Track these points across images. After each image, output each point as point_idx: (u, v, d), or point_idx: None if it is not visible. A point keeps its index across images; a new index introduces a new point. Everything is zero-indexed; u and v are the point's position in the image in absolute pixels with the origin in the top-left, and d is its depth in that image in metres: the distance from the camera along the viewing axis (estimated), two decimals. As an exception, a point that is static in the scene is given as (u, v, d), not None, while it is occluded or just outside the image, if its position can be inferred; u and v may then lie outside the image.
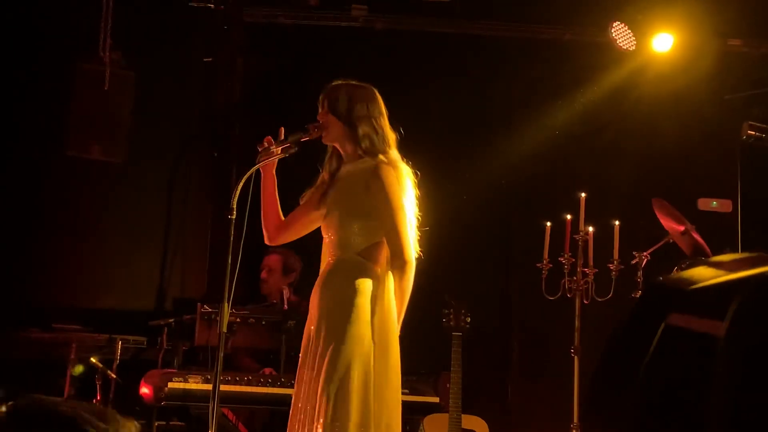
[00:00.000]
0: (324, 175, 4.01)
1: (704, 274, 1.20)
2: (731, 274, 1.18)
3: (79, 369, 5.54)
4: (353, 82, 3.94)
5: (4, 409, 1.42)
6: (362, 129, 3.82)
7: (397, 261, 3.72)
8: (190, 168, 7.03)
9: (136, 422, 1.48)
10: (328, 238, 3.88)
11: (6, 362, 5.85)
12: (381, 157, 3.81)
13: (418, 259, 3.82)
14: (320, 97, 3.94)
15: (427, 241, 3.97)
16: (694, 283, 1.17)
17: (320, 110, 3.92)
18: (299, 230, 4.05)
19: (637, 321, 1.25)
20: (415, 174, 3.91)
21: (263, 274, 5.98)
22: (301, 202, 4.04)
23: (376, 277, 3.75)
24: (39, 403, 1.44)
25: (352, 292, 3.72)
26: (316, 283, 3.88)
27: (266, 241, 4.03)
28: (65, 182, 6.66)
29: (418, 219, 3.86)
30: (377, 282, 3.74)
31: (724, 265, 1.22)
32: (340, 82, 3.93)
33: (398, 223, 3.72)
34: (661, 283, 1.28)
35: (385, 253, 3.78)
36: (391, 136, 3.89)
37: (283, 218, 4.00)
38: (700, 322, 1.10)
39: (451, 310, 5.42)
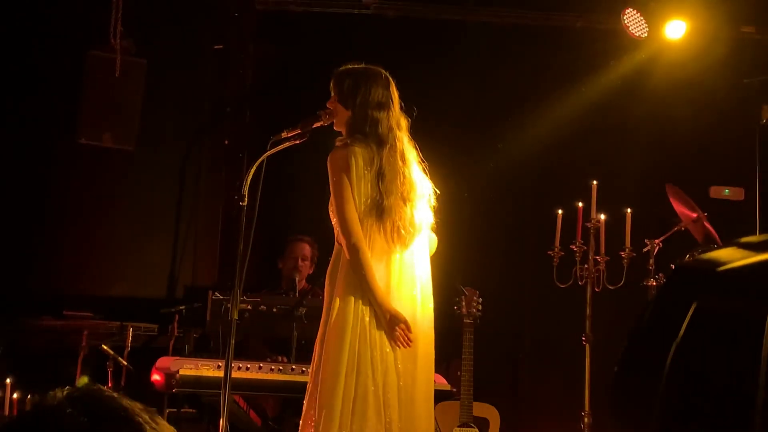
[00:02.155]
0: None
1: (732, 255, 1.16)
2: (764, 254, 1.14)
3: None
4: (361, 66, 3.90)
5: (61, 394, 1.41)
6: (359, 113, 3.79)
7: (342, 247, 3.69)
8: (202, 155, 7.01)
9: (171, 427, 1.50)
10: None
11: (18, 349, 5.85)
12: (338, 140, 3.80)
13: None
14: (330, 83, 3.91)
15: (438, 228, 3.94)
16: (722, 264, 1.14)
17: (331, 96, 3.89)
18: None
19: (665, 303, 1.22)
20: (422, 161, 3.88)
21: (299, 263, 5.90)
22: None
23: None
24: (98, 392, 1.44)
25: (336, 290, 3.71)
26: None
27: None
28: (77, 170, 6.65)
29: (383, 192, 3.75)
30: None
31: (752, 246, 1.18)
32: (348, 66, 3.90)
33: (336, 208, 3.69)
34: (689, 265, 1.24)
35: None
36: (399, 122, 3.84)
37: None
38: (738, 302, 1.07)
39: (463, 298, 5.40)
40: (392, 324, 3.61)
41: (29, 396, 4.88)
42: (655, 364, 1.09)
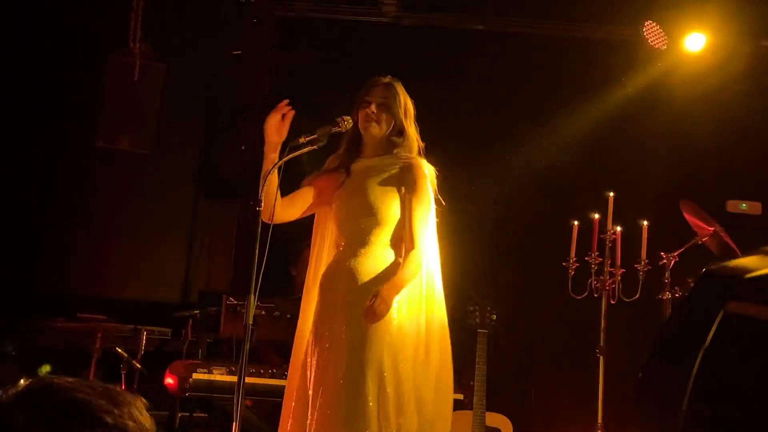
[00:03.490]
0: (334, 165, 3.99)
1: (760, 263, 1.16)
2: None
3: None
4: (393, 79, 3.96)
5: (14, 390, 1.36)
6: (410, 129, 3.87)
7: (414, 249, 3.73)
8: (218, 160, 7.02)
9: (142, 398, 1.43)
10: (350, 226, 3.85)
11: (31, 351, 5.87)
12: (416, 156, 3.86)
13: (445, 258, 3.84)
14: (370, 90, 3.90)
15: (454, 238, 3.94)
16: (750, 271, 1.13)
17: (371, 104, 3.88)
18: (295, 213, 4.00)
19: (692, 309, 1.21)
20: (439, 172, 3.90)
21: None
22: (304, 186, 4.01)
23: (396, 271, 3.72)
24: (53, 387, 1.36)
25: (376, 284, 3.71)
26: (338, 269, 3.84)
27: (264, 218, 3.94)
28: (93, 172, 6.67)
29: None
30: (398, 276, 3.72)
31: (779, 254, 1.17)
32: (390, 80, 3.93)
33: (421, 213, 3.76)
34: (717, 272, 1.23)
35: (401, 245, 3.77)
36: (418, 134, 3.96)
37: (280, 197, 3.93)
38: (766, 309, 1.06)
39: (477, 307, 5.40)
40: (382, 305, 3.58)
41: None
42: (682, 371, 1.08)
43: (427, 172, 3.83)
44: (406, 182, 3.80)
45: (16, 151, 6.47)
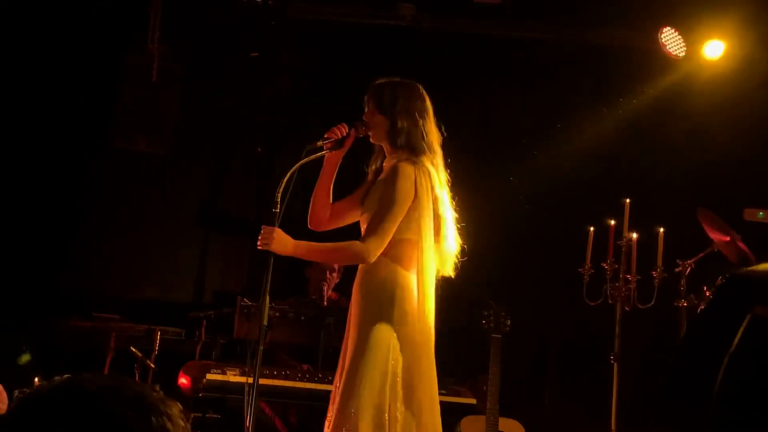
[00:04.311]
0: (369, 175, 3.98)
1: (785, 268, 1.14)
2: None
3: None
4: (397, 79, 3.90)
5: (39, 392, 1.33)
6: (401, 123, 3.77)
7: (361, 241, 3.63)
8: (234, 162, 7.03)
9: (177, 403, 1.37)
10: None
11: (46, 349, 5.88)
12: (407, 155, 3.74)
13: (460, 265, 3.79)
14: (365, 97, 3.89)
15: (468, 242, 3.91)
16: (779, 276, 1.12)
17: (366, 109, 3.88)
18: (338, 221, 4.01)
19: (717, 313, 1.19)
20: (450, 177, 3.85)
21: (327, 275, 5.83)
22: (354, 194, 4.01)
23: (399, 280, 3.68)
24: (80, 392, 1.32)
25: (374, 298, 3.67)
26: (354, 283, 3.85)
27: (310, 227, 3.97)
28: (111, 172, 6.70)
29: (457, 224, 3.82)
30: (401, 284, 3.67)
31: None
32: (384, 80, 3.89)
33: (385, 213, 3.62)
34: (742, 276, 1.22)
35: (409, 251, 3.70)
36: (434, 136, 3.84)
37: (329, 211, 3.96)
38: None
39: (491, 312, 5.37)
40: (271, 242, 3.56)
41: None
42: (707, 375, 1.07)
43: (410, 172, 3.66)
44: (388, 182, 3.71)
45: (34, 150, 6.49)
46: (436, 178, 3.75)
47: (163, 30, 6.25)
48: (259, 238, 3.61)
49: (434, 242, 3.72)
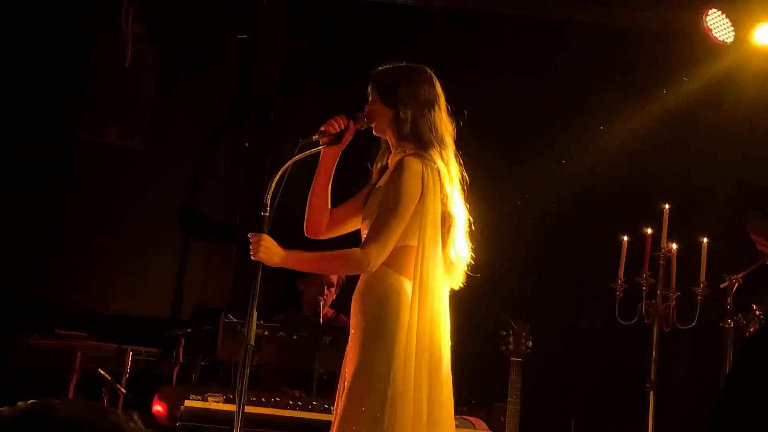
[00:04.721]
0: (373, 174, 3.98)
1: None
2: None
3: None
4: (403, 64, 3.90)
5: (10, 414, 1.34)
6: (406, 113, 3.77)
7: (361, 248, 3.63)
8: (219, 158, 7.04)
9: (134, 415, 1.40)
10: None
11: (3, 370, 5.89)
12: (414, 148, 3.75)
13: (473, 279, 3.79)
14: (369, 85, 3.90)
15: (484, 253, 3.91)
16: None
17: (369, 98, 3.88)
18: (340, 228, 4.01)
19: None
20: (463, 179, 3.85)
21: (324, 290, 5.88)
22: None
23: (402, 291, 3.68)
24: (45, 422, 1.34)
25: (375, 312, 3.67)
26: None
27: (306, 234, 3.98)
28: (77, 169, 6.71)
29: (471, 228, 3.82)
30: (404, 297, 3.68)
31: None
32: (388, 65, 3.90)
33: (388, 213, 3.62)
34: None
35: (411, 259, 3.71)
36: (446, 127, 3.84)
37: (328, 214, 3.96)
38: None
39: (511, 333, 5.38)
40: (260, 251, 3.58)
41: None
42: (761, 408, 1.08)
43: (417, 167, 3.65)
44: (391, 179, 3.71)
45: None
46: (446, 175, 3.75)
47: (138, 7, 6.27)
48: (250, 246, 3.62)
49: (441, 248, 3.72)
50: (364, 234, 3.78)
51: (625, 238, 5.68)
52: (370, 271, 3.65)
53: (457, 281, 3.79)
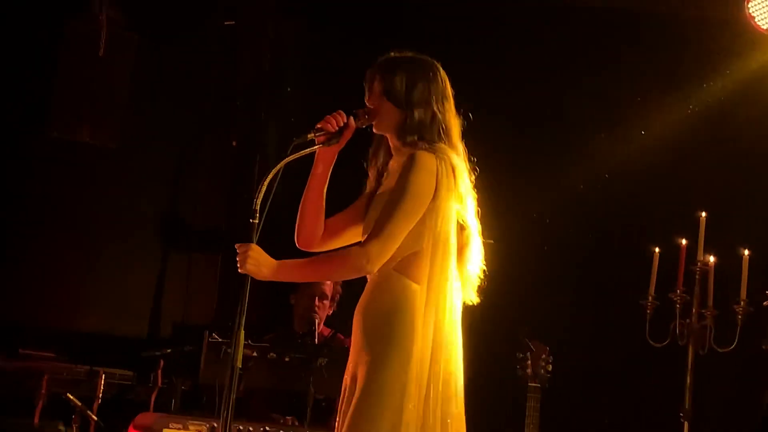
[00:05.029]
0: (371, 175, 3.96)
1: None
2: None
3: None
4: (410, 55, 3.89)
5: None
6: (418, 114, 3.76)
7: (361, 245, 3.59)
8: (203, 159, 7.04)
9: None
10: None
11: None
12: (424, 144, 3.73)
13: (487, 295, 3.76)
14: (369, 75, 3.87)
15: (500, 266, 3.88)
16: None
17: (370, 93, 3.86)
18: (336, 239, 3.98)
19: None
20: (476, 180, 3.84)
21: (315, 302, 5.88)
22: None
23: (415, 298, 3.65)
24: None
25: (383, 325, 3.65)
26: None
27: (298, 245, 3.96)
28: (45, 170, 6.70)
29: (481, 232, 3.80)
30: (418, 305, 3.65)
31: None
32: (393, 55, 3.88)
33: (393, 209, 3.56)
34: None
35: (424, 265, 3.68)
36: (454, 124, 3.83)
37: (323, 223, 3.94)
38: None
39: (528, 355, 5.40)
40: (247, 262, 3.54)
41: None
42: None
43: (431, 163, 3.60)
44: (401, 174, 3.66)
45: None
46: (462, 173, 3.74)
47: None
48: (237, 257, 3.59)
49: (457, 255, 3.70)
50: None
51: (657, 249, 5.68)
52: (370, 272, 3.62)
53: (472, 296, 3.77)
